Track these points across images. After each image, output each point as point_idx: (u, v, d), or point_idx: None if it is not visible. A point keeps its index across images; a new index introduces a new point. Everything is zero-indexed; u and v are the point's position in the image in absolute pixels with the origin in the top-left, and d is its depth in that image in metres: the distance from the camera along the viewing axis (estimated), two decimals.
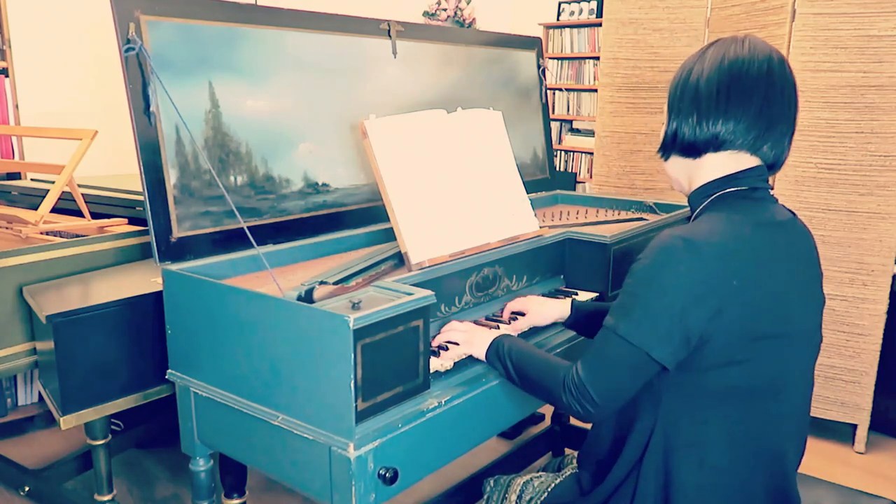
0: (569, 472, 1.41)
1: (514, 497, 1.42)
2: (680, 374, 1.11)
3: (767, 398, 1.12)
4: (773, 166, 1.20)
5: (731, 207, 1.15)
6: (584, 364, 1.14)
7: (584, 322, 1.54)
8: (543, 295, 1.76)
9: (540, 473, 1.47)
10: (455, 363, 1.38)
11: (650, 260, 1.09)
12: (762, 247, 1.11)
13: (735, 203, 1.16)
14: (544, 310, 1.56)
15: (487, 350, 1.36)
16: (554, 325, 1.61)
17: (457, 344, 1.41)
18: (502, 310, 1.64)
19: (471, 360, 1.42)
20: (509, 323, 1.57)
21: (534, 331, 1.59)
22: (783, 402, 1.15)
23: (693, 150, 1.19)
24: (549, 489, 1.37)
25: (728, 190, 1.17)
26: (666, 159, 1.27)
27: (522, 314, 1.58)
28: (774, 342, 1.10)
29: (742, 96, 1.14)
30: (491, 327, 1.52)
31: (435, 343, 1.41)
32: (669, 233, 1.11)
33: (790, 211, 1.22)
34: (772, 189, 1.21)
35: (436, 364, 1.33)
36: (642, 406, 1.17)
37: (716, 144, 1.17)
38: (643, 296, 1.08)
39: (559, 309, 1.56)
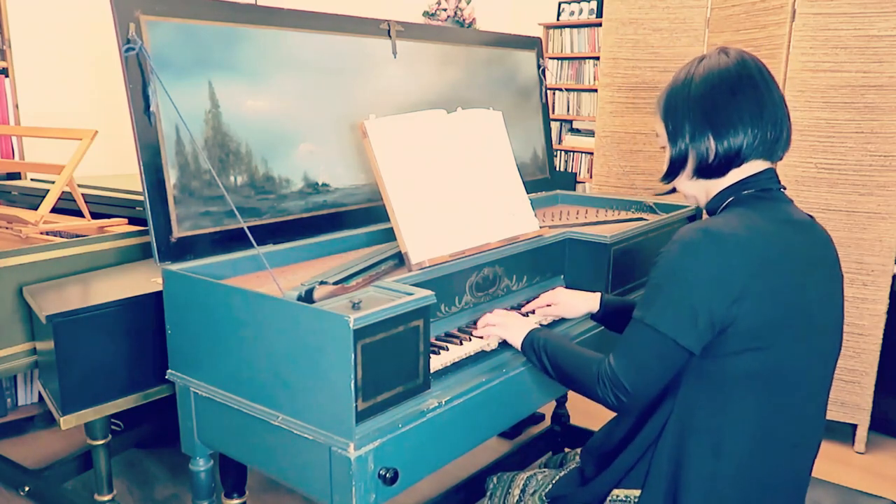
0: (573, 466, 1.41)
1: (517, 491, 1.43)
2: (699, 360, 1.14)
3: (785, 390, 1.14)
4: (785, 151, 1.24)
5: (748, 206, 1.18)
6: (616, 356, 1.17)
7: (612, 316, 1.58)
8: None
9: (543, 469, 1.48)
10: (454, 363, 1.38)
11: (672, 252, 1.13)
12: (779, 240, 1.14)
13: (751, 202, 1.19)
14: (575, 303, 1.61)
15: (523, 341, 1.40)
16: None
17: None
18: (527, 301, 1.68)
19: (471, 360, 1.42)
20: (534, 312, 1.63)
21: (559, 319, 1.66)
22: (801, 397, 1.16)
23: (717, 171, 1.22)
24: (555, 480, 1.38)
25: (743, 193, 1.20)
26: (670, 182, 1.29)
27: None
28: (793, 333, 1.12)
29: (753, 104, 1.17)
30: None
31: (476, 333, 1.50)
32: (690, 226, 1.14)
33: (808, 215, 1.24)
34: (784, 189, 1.24)
35: (481, 343, 1.44)
36: (662, 393, 1.20)
37: (738, 161, 1.20)
38: (667, 286, 1.12)
39: (589, 303, 1.61)
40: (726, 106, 1.18)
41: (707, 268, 1.09)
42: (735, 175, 1.21)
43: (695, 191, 1.27)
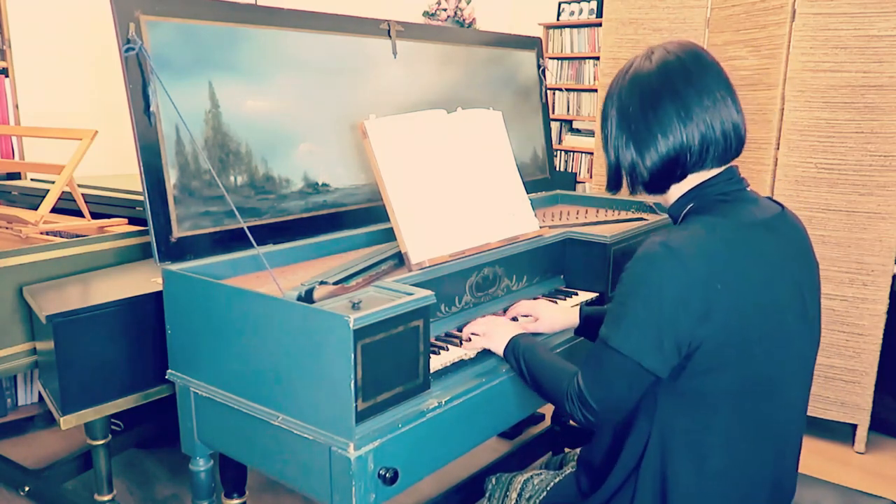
0: (569, 471, 1.41)
1: (514, 495, 1.43)
2: (675, 380, 1.10)
3: (763, 399, 1.12)
4: (737, 152, 1.17)
5: (712, 212, 1.14)
6: (584, 374, 1.15)
7: (594, 329, 1.53)
8: (543, 295, 1.76)
9: (540, 471, 1.48)
10: (454, 363, 1.39)
11: (635, 268, 1.09)
12: (746, 248, 1.09)
13: (714, 207, 1.14)
14: (554, 318, 1.56)
15: (505, 348, 1.39)
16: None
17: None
18: (506, 309, 1.64)
19: (471, 360, 1.42)
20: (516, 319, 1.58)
21: None
22: (780, 401, 1.14)
23: (655, 188, 1.19)
24: (549, 487, 1.38)
25: (703, 196, 1.16)
26: (614, 193, 1.27)
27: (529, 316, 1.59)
28: (767, 344, 1.09)
29: (674, 115, 1.11)
30: None
31: (463, 336, 1.47)
32: (651, 240, 1.10)
33: (778, 203, 1.20)
34: (748, 186, 1.19)
35: (458, 353, 1.40)
36: (639, 411, 1.16)
37: (676, 177, 1.16)
38: (631, 305, 1.08)
39: (569, 318, 1.56)
40: (646, 120, 1.12)
41: (670, 285, 1.04)
42: (678, 190, 1.17)
43: (653, 197, 1.24)
